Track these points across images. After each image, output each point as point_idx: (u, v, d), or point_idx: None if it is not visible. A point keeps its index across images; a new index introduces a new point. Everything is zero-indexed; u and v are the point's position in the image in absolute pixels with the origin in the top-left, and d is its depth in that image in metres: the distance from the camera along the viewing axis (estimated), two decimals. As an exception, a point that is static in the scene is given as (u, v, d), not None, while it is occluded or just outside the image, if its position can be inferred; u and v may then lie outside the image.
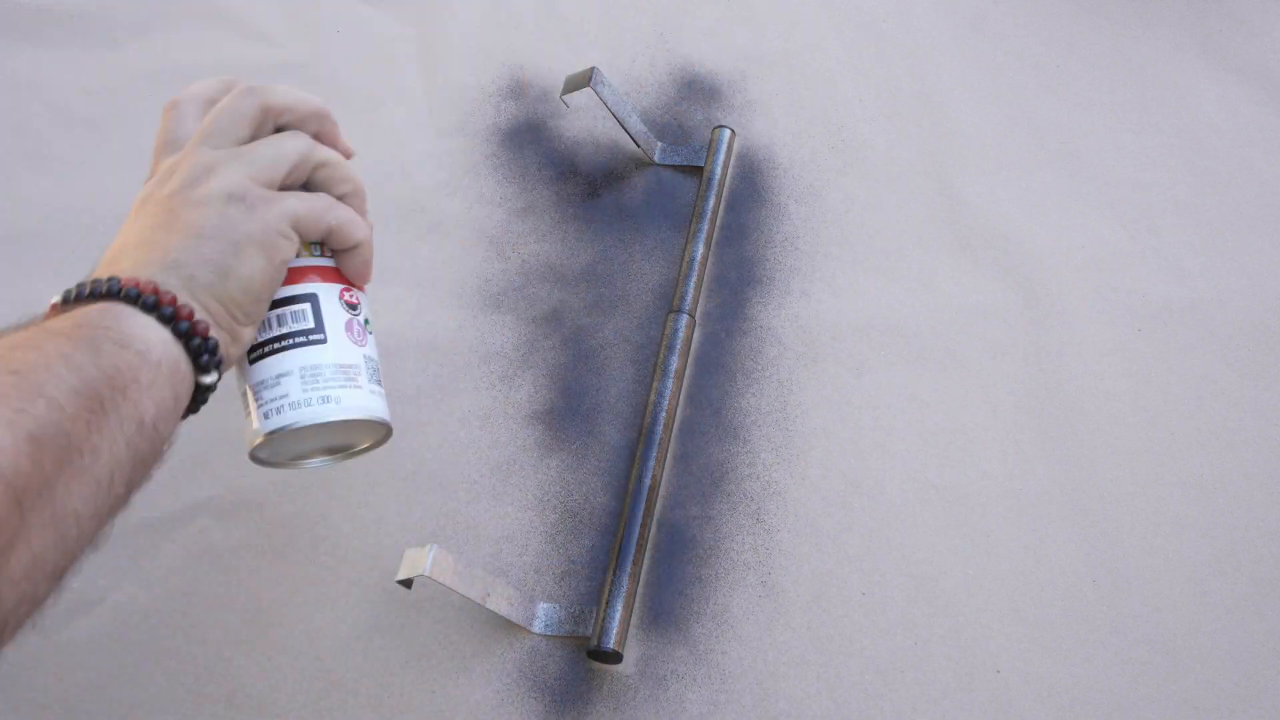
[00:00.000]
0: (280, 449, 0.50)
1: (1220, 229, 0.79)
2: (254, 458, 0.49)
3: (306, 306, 0.48)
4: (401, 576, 0.58)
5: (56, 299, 0.42)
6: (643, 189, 0.78)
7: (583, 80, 0.73)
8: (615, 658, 0.59)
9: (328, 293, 0.49)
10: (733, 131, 0.79)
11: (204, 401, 0.45)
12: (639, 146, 0.77)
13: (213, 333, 0.43)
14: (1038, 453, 0.69)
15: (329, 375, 0.48)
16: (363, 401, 0.49)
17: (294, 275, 0.49)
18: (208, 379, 0.43)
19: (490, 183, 0.77)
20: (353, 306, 0.50)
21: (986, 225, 0.78)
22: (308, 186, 0.49)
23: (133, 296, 0.40)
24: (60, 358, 0.37)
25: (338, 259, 0.50)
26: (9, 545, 0.33)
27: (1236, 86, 0.85)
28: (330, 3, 0.84)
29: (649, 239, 0.76)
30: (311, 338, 0.48)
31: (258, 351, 0.48)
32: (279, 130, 0.49)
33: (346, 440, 0.52)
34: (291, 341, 0.47)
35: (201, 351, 0.42)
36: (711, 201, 0.75)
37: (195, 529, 0.62)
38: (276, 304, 0.48)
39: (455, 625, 0.60)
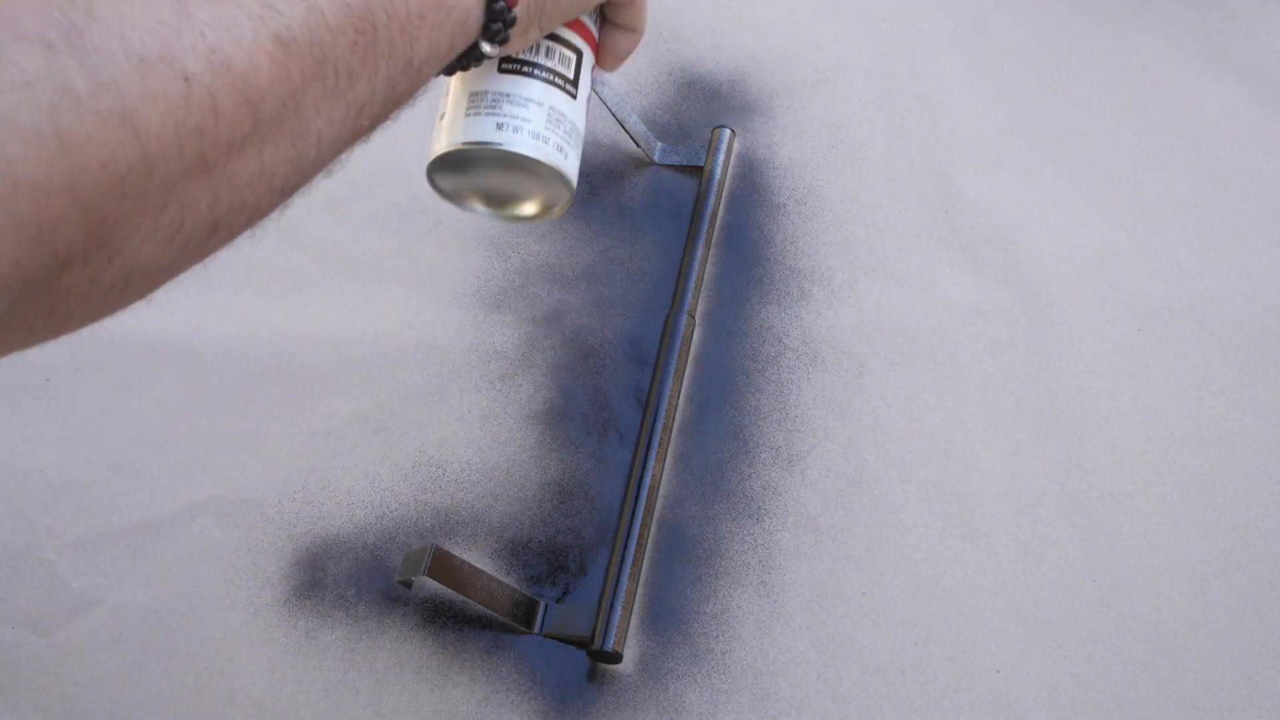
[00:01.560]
0: (471, 166, 0.47)
1: (1220, 229, 0.79)
2: (444, 160, 0.46)
3: (574, 56, 0.47)
4: (402, 576, 0.58)
5: None
6: (643, 189, 0.78)
7: (583, 80, 0.73)
8: (615, 658, 0.59)
9: (589, 57, 0.49)
10: (733, 131, 0.79)
11: (464, 67, 0.42)
12: (639, 146, 0.77)
13: (519, 9, 0.40)
14: (1037, 453, 0.69)
15: (568, 129, 0.46)
16: (576, 169, 0.47)
17: (574, 25, 0.48)
18: (487, 48, 0.40)
19: (490, 183, 0.77)
20: (592, 86, 0.49)
21: (986, 225, 0.78)
22: None
23: None
24: None
25: (607, 37, 0.49)
26: (236, 147, 0.30)
27: (1236, 86, 0.85)
28: (330, 3, 0.84)
29: (649, 239, 0.76)
30: (567, 86, 0.46)
31: (511, 66, 0.45)
32: None
33: (523, 195, 0.49)
34: (550, 77, 0.46)
35: (498, 18, 0.39)
36: (711, 201, 0.75)
37: (195, 529, 0.62)
38: (551, 36, 0.46)
39: (455, 625, 0.60)
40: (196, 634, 0.59)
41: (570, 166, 0.46)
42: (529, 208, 0.49)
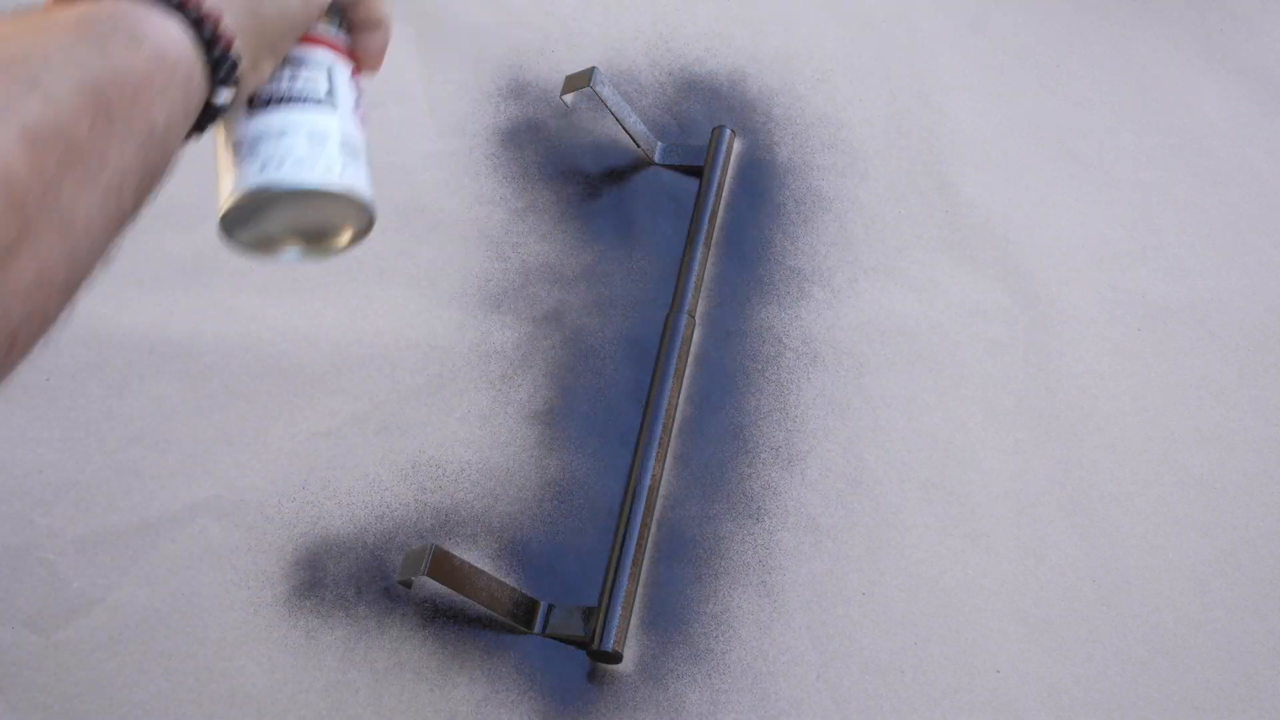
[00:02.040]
0: (258, 215, 0.46)
1: (1220, 229, 0.79)
2: (229, 219, 0.45)
3: (322, 72, 0.47)
4: (402, 577, 0.58)
5: None
6: (643, 189, 0.78)
7: (583, 80, 0.73)
8: (615, 658, 0.59)
9: (342, 68, 0.48)
10: (733, 131, 0.79)
11: (211, 121, 0.41)
12: (639, 146, 0.77)
13: (236, 47, 0.40)
14: (1037, 453, 0.69)
15: (335, 145, 0.45)
16: (363, 181, 0.46)
17: (313, 42, 0.47)
18: (221, 97, 0.40)
19: (490, 183, 0.77)
20: (359, 93, 0.48)
21: (986, 225, 0.78)
22: None
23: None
24: (60, 51, 0.34)
25: (356, 40, 0.49)
26: (11, 254, 0.30)
27: (1236, 86, 0.85)
28: (330, 3, 0.84)
29: (649, 239, 0.76)
30: (323, 103, 0.46)
31: (260, 103, 0.45)
32: None
33: (326, 227, 0.48)
34: (302, 102, 0.45)
35: (221, 63, 0.39)
36: (711, 201, 0.75)
37: (195, 529, 0.62)
38: (291, 62, 0.46)
39: (455, 625, 0.60)
40: (196, 634, 0.59)
41: (348, 178, 0.45)
42: (341, 236, 0.48)
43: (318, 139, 0.44)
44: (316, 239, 0.48)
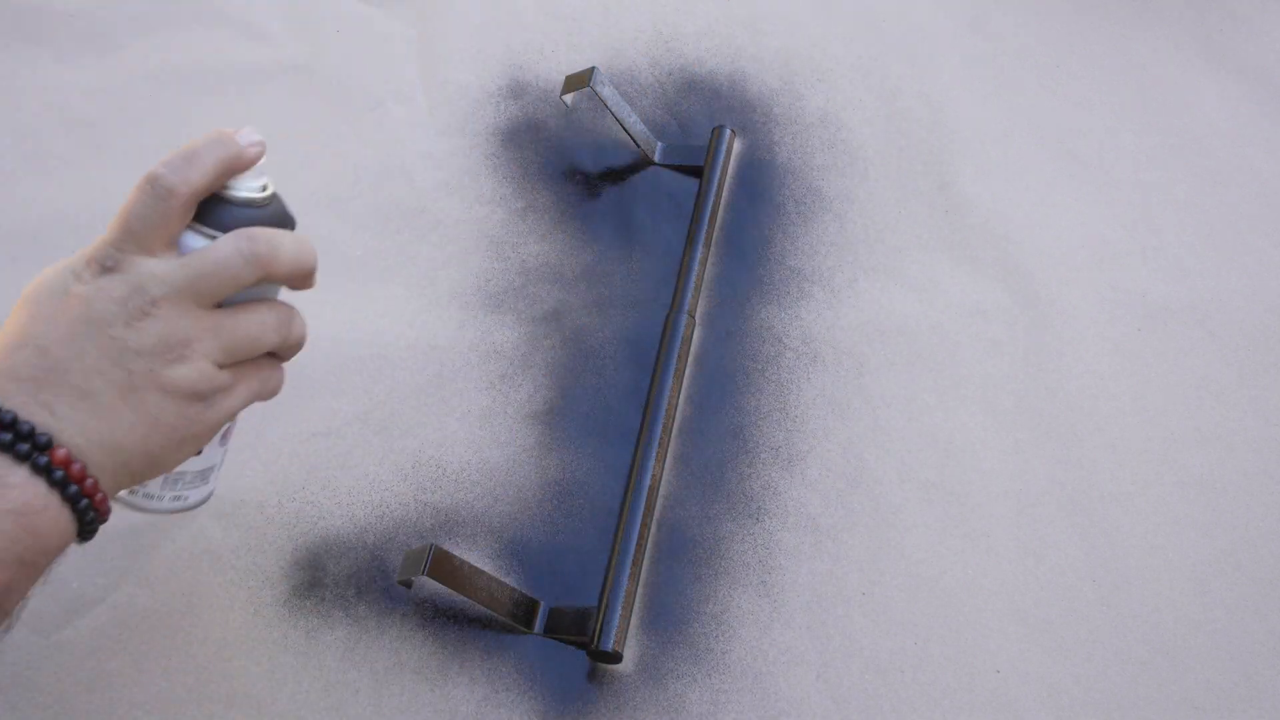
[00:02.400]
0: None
1: (1220, 229, 0.79)
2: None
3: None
4: (401, 577, 0.58)
5: None
6: (643, 189, 0.78)
7: (583, 80, 0.73)
8: (615, 658, 0.59)
9: None
10: (733, 131, 0.79)
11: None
12: (639, 146, 0.77)
13: (107, 500, 0.43)
14: (1037, 453, 0.69)
15: (190, 479, 0.50)
16: (204, 495, 0.51)
17: None
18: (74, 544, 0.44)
19: (490, 183, 0.77)
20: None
21: (986, 225, 0.78)
22: None
23: (66, 490, 0.40)
24: None
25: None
26: None
27: (1236, 86, 0.85)
28: (330, 3, 0.84)
29: (649, 239, 0.76)
30: (212, 449, 0.50)
31: None
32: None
33: None
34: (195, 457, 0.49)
35: (91, 533, 0.43)
36: (711, 201, 0.76)
37: (195, 529, 0.62)
38: None
39: (455, 625, 0.60)
40: (196, 634, 0.59)
41: (189, 503, 0.50)
42: None
43: (172, 479, 0.49)
44: None
